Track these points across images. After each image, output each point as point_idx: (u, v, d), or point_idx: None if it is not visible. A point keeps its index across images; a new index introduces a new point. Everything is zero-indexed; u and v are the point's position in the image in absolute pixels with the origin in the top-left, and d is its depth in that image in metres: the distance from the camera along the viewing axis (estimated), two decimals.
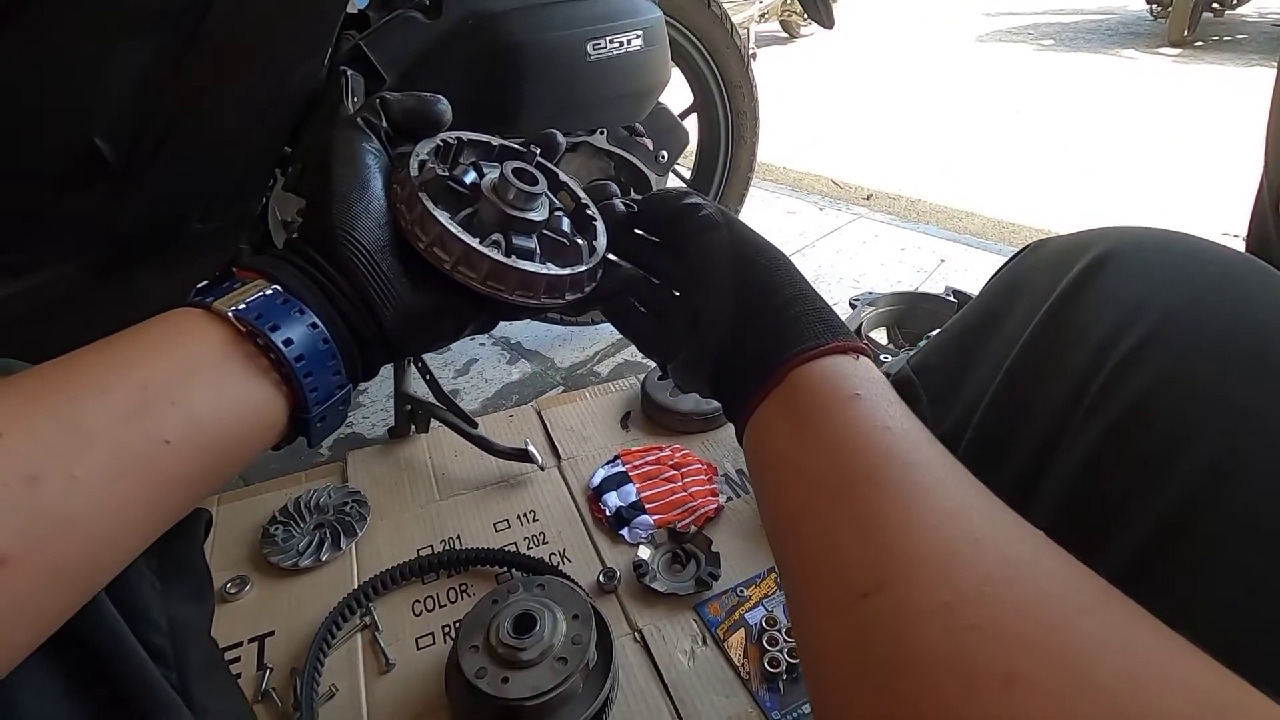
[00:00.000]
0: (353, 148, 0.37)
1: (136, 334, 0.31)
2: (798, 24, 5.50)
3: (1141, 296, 0.34)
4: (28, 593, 0.24)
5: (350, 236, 0.34)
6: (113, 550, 0.28)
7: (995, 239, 2.00)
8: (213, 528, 0.89)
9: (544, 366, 1.36)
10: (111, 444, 0.27)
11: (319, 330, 0.33)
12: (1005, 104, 3.62)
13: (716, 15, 1.29)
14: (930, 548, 0.24)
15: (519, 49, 0.90)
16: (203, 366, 0.30)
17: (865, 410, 0.31)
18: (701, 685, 0.70)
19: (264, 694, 0.69)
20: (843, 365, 0.33)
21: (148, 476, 0.28)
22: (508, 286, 0.37)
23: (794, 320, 0.35)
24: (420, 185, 0.36)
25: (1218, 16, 5.33)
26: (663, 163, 1.23)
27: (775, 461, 0.33)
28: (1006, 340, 0.39)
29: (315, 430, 0.34)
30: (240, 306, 0.31)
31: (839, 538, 0.27)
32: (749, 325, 0.37)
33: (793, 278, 0.38)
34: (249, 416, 0.31)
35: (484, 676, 0.62)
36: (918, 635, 0.22)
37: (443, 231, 0.35)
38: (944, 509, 0.26)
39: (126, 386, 0.28)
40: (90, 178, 0.66)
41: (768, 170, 2.61)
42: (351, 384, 0.35)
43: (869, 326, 1.19)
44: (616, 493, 0.91)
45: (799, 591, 0.29)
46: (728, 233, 0.39)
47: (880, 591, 0.24)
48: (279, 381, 0.32)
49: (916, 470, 0.28)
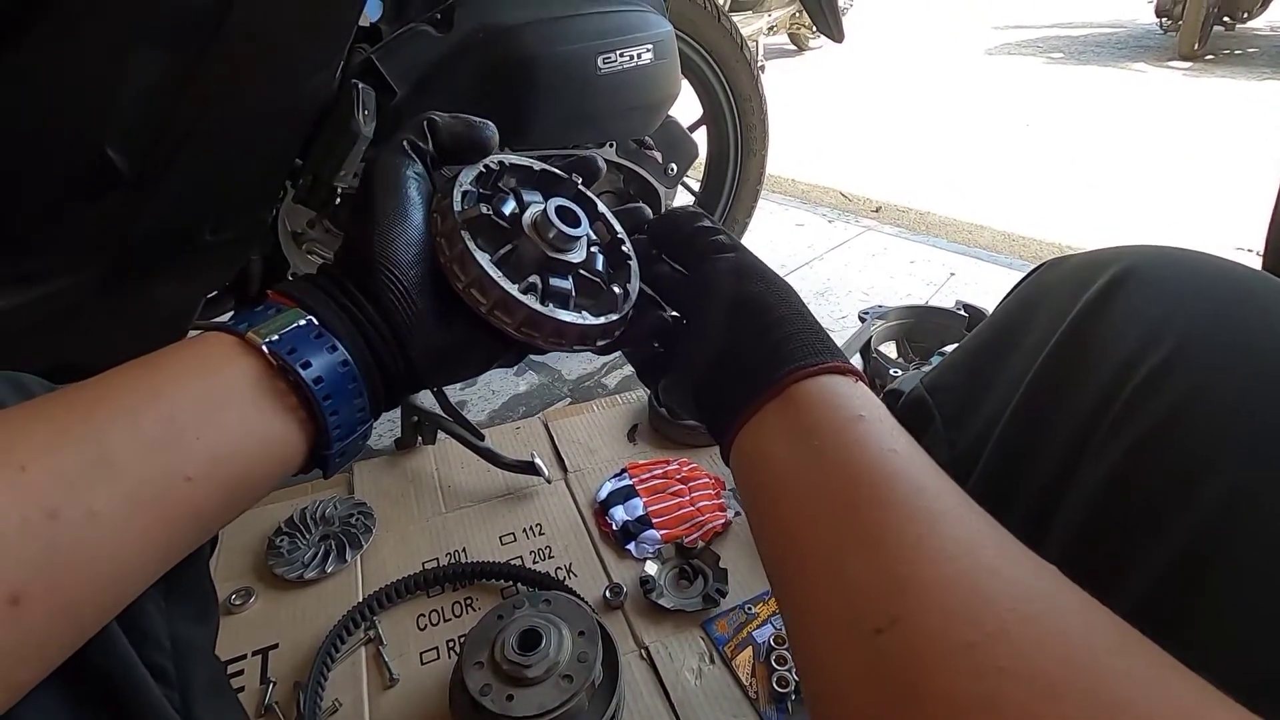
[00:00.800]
0: (397, 175, 0.37)
1: (169, 358, 0.30)
2: (806, 37, 5.51)
3: (1163, 315, 0.33)
4: (37, 630, 0.24)
5: (388, 270, 0.34)
6: (124, 585, 0.27)
7: (1005, 252, 1.99)
8: (218, 541, 0.89)
9: (551, 378, 1.36)
10: (134, 478, 0.27)
11: (349, 368, 0.33)
12: (1015, 117, 3.61)
13: (727, 29, 1.30)
14: (947, 579, 0.24)
15: (530, 62, 0.90)
16: (232, 402, 0.30)
17: (871, 431, 0.30)
18: (709, 704, 0.69)
19: (267, 708, 0.69)
20: (842, 385, 0.33)
21: (166, 511, 0.28)
22: (542, 335, 0.37)
23: (791, 337, 0.35)
24: (463, 223, 0.36)
25: (1229, 30, 5.32)
26: (671, 175, 1.23)
27: (773, 477, 0.32)
28: (1025, 358, 0.39)
29: (333, 464, 0.34)
30: (274, 339, 0.31)
31: (847, 561, 0.26)
32: (744, 339, 0.36)
33: (791, 299, 0.37)
34: (271, 452, 0.31)
35: (488, 694, 0.61)
36: (940, 673, 0.21)
37: (482, 275, 0.35)
38: (957, 537, 0.25)
39: (154, 417, 0.28)
40: (103, 187, 0.67)
41: (776, 182, 2.62)
42: (373, 418, 0.35)
43: (878, 340, 1.18)
44: (623, 506, 0.91)
45: (801, 613, 0.28)
46: (736, 257, 0.39)
47: (896, 625, 0.23)
48: (304, 419, 0.32)
49: (926, 496, 0.27)
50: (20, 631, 0.23)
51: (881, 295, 1.65)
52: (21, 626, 0.23)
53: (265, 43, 0.70)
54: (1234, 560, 0.27)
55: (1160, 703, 0.19)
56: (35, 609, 0.24)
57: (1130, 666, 0.20)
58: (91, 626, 0.27)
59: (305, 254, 0.88)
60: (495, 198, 0.39)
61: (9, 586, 0.23)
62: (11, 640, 0.23)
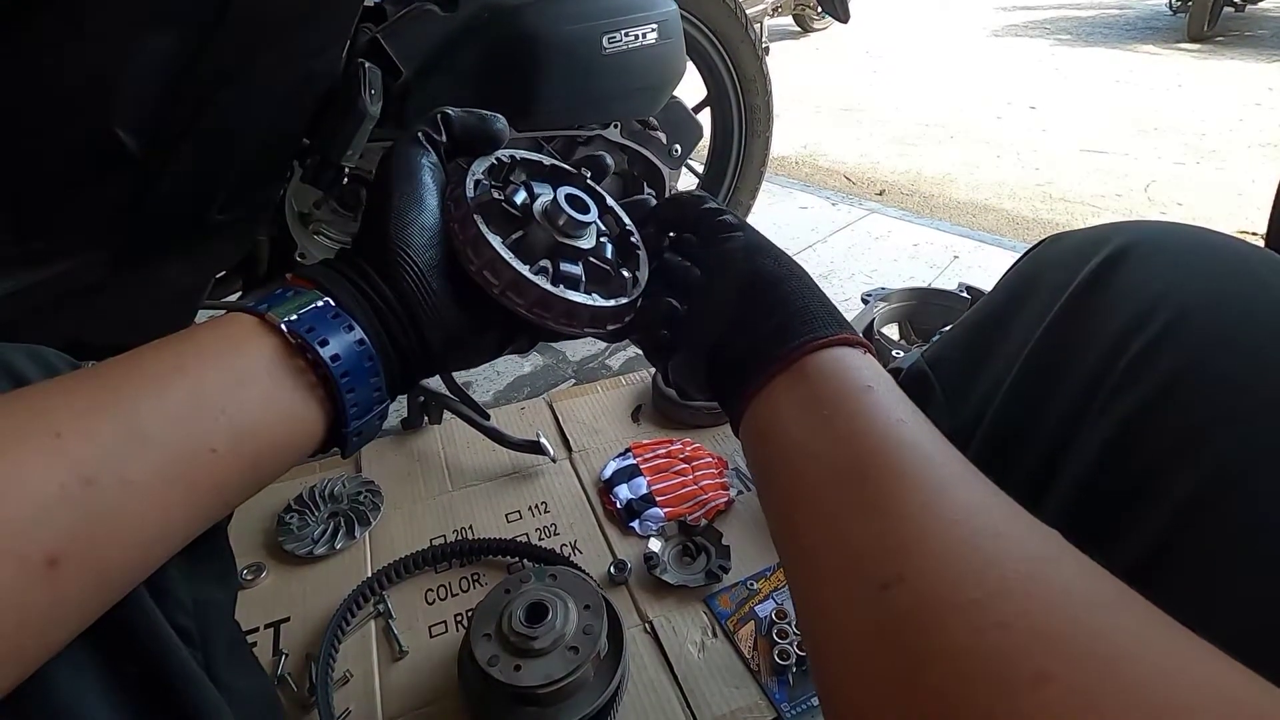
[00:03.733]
0: (412, 163, 0.38)
1: (192, 337, 0.31)
2: (811, 18, 5.47)
3: (1161, 289, 0.33)
4: (72, 594, 0.25)
5: (404, 254, 0.35)
6: (153, 553, 0.28)
7: (1009, 235, 1.98)
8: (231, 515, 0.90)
9: (556, 359, 1.36)
10: (164, 449, 0.28)
11: (365, 347, 0.34)
12: (1021, 99, 3.59)
13: (731, 9, 1.29)
14: (953, 540, 0.24)
15: (534, 42, 0.90)
16: (253, 378, 0.31)
17: (879, 401, 0.30)
18: (711, 676, 0.70)
19: (280, 679, 0.70)
20: (853, 357, 0.33)
21: (193, 483, 0.29)
22: (553, 315, 0.38)
23: (802, 310, 0.35)
24: (475, 207, 0.37)
25: (1239, 11, 5.26)
26: (676, 156, 1.23)
27: (784, 446, 0.32)
28: (1023, 332, 0.39)
29: (351, 443, 0.35)
30: (293, 318, 0.32)
31: (855, 525, 0.27)
32: (756, 313, 0.36)
33: (799, 274, 0.38)
34: (292, 428, 0.32)
35: (496, 664, 0.63)
36: (945, 630, 0.22)
37: (495, 257, 0.36)
38: (964, 503, 0.26)
39: (181, 391, 0.29)
40: (112, 167, 0.67)
41: (780, 164, 2.61)
42: (390, 398, 0.36)
43: (881, 322, 1.18)
44: (628, 485, 0.92)
45: (809, 579, 0.29)
46: (744, 236, 0.39)
47: (902, 583, 0.24)
48: (323, 397, 0.33)
49: (934, 464, 0.27)
50: (56, 594, 0.24)
51: (885, 278, 1.65)
52: (58, 589, 0.24)
53: (272, 22, 0.70)
54: (1224, 529, 0.28)
55: (1154, 653, 0.20)
56: (71, 573, 0.25)
57: (1127, 622, 0.21)
58: (120, 591, 0.28)
59: (312, 234, 0.89)
60: (507, 188, 0.40)
61: (47, 549, 0.24)
62: (47, 601, 0.24)
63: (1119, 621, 0.21)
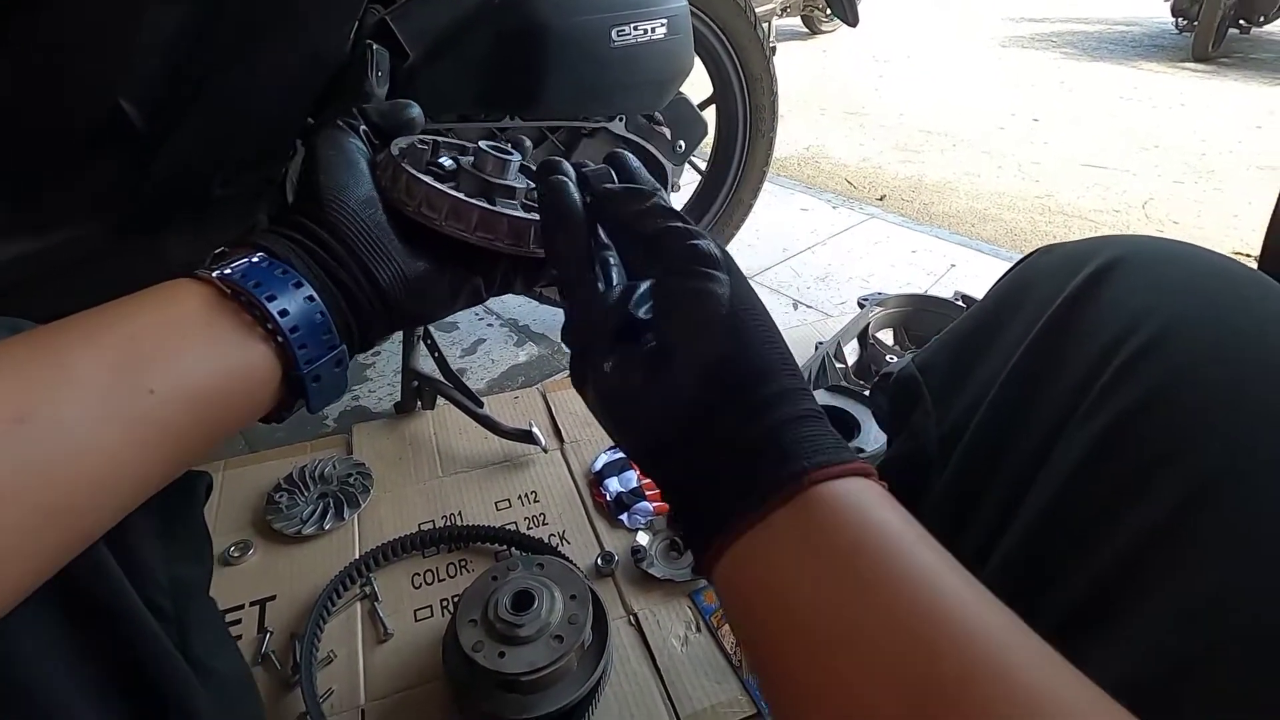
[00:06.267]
0: (336, 137, 0.40)
1: (128, 299, 0.32)
2: (819, 20, 5.46)
3: (1147, 303, 0.34)
4: (20, 531, 0.25)
5: (338, 199, 0.36)
6: (105, 496, 0.29)
7: (1007, 246, 1.99)
8: (217, 492, 0.90)
9: (551, 350, 1.37)
10: (98, 390, 0.28)
11: (304, 288, 0.34)
12: (1024, 110, 3.60)
13: (741, 7, 1.29)
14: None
15: (543, 31, 0.90)
16: (188, 323, 0.32)
17: (926, 562, 0.24)
18: (694, 670, 0.71)
19: (264, 656, 0.70)
20: (871, 493, 0.27)
21: (135, 424, 0.29)
22: (498, 234, 0.38)
23: (797, 420, 0.28)
24: (401, 157, 0.38)
25: (1244, 33, 5.28)
26: (680, 153, 1.23)
27: (799, 606, 0.25)
28: (1011, 341, 0.40)
29: (312, 390, 0.35)
30: (226, 271, 0.33)
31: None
32: (733, 409, 0.29)
33: (787, 353, 0.31)
34: (237, 371, 0.32)
35: (481, 650, 0.63)
36: None
37: (428, 189, 0.37)
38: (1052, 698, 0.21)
39: (114, 338, 0.30)
40: (116, 139, 0.67)
41: (782, 165, 2.61)
42: (345, 345, 0.36)
43: (876, 326, 1.19)
44: (618, 478, 0.92)
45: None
46: (729, 282, 0.31)
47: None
48: (265, 337, 0.33)
49: (1011, 649, 0.22)
50: (2, 531, 0.25)
51: (881, 283, 1.65)
52: (4, 526, 0.25)
53: (281, 1, 0.70)
54: (1201, 539, 0.28)
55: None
56: (14, 507, 0.25)
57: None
58: (79, 533, 0.28)
59: None
60: (432, 156, 0.42)
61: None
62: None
63: None
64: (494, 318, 1.46)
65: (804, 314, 1.53)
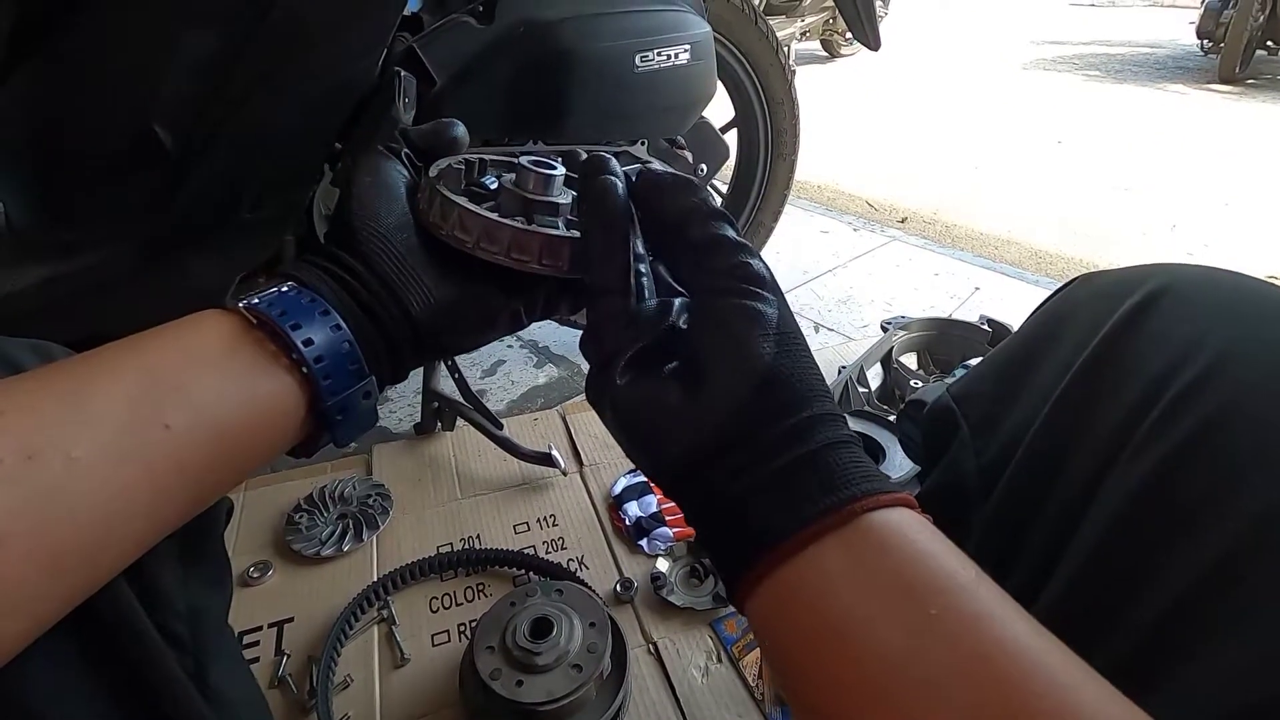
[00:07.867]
0: (374, 163, 0.38)
1: (153, 331, 0.31)
2: (839, 43, 5.48)
3: (1197, 333, 0.33)
4: (23, 576, 0.24)
5: (369, 225, 0.35)
6: (114, 538, 0.27)
7: (1031, 269, 1.97)
8: (237, 512, 0.90)
9: (570, 371, 1.36)
10: (114, 427, 0.27)
11: (330, 316, 0.33)
12: (1048, 133, 3.57)
13: (763, 32, 1.30)
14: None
15: (568, 57, 0.91)
16: (208, 354, 0.31)
17: (994, 611, 0.23)
18: (714, 702, 0.69)
19: (280, 679, 0.70)
20: (923, 527, 0.26)
21: (149, 462, 0.27)
22: (533, 255, 0.35)
23: (836, 446, 0.28)
24: (437, 179, 0.37)
25: (1272, 55, 5.23)
26: (701, 176, 1.23)
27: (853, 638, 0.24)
28: (1054, 371, 0.39)
29: (336, 424, 0.34)
30: (253, 300, 0.32)
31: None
32: (772, 433, 0.28)
33: (824, 383, 0.30)
34: (259, 402, 0.31)
35: (498, 678, 0.62)
36: None
37: (462, 212, 0.35)
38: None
39: (132, 372, 0.29)
40: (147, 162, 0.68)
41: (803, 188, 2.61)
42: (373, 377, 0.35)
43: (899, 350, 1.18)
44: (637, 502, 0.91)
45: None
46: (776, 302, 0.30)
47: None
48: (290, 367, 0.32)
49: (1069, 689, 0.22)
50: (3, 573, 0.23)
51: (904, 306, 1.64)
52: (5, 570, 0.23)
53: (311, 28, 0.71)
54: (1264, 574, 0.27)
55: None
56: (18, 550, 0.24)
57: None
58: (84, 578, 0.27)
59: None
60: (476, 175, 0.41)
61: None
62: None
63: None
64: (514, 339, 1.47)
65: (826, 337, 1.52)
